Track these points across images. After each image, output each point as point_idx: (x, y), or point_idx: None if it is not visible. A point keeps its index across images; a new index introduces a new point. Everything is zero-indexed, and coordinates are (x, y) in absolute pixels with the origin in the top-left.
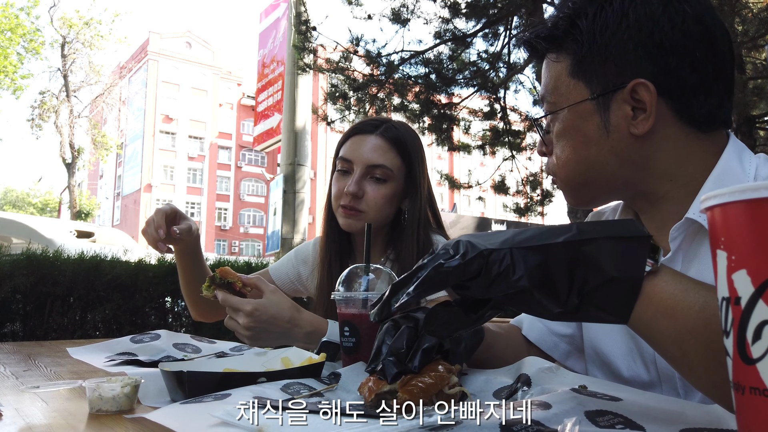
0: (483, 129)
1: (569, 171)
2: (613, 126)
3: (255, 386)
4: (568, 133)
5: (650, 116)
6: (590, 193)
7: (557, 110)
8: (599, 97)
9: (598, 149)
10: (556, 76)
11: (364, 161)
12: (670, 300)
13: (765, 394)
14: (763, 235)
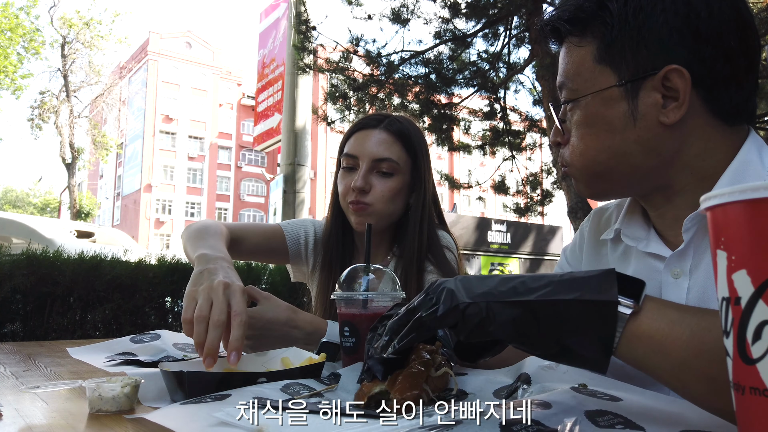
0: (483, 129)
1: (588, 160)
2: (641, 114)
3: (255, 386)
4: (591, 121)
5: (683, 105)
6: (606, 185)
7: (580, 97)
8: (628, 83)
9: (623, 138)
10: (578, 61)
11: (369, 156)
12: (658, 335)
13: (765, 395)
14: (763, 235)
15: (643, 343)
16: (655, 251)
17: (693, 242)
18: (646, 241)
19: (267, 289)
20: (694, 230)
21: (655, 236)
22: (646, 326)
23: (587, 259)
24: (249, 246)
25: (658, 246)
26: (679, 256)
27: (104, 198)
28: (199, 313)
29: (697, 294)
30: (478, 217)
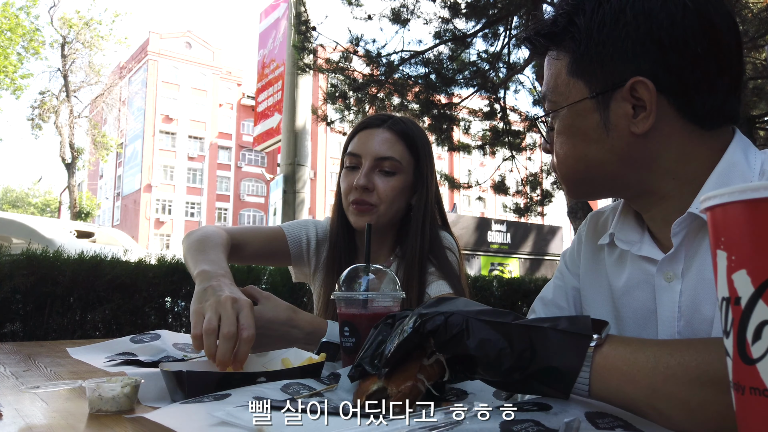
0: (483, 129)
1: (568, 168)
2: (613, 125)
3: (255, 386)
4: (568, 131)
5: (650, 115)
6: (589, 189)
7: (558, 109)
8: (598, 95)
9: (598, 147)
10: (556, 74)
11: (372, 154)
12: (624, 365)
13: (765, 395)
14: (763, 235)
15: (613, 375)
16: (647, 254)
17: (684, 246)
18: (639, 244)
19: (267, 289)
20: (683, 234)
21: (648, 239)
22: (612, 357)
23: (585, 265)
24: (251, 250)
25: (651, 249)
26: (670, 260)
27: (104, 198)
28: (209, 326)
29: (689, 297)
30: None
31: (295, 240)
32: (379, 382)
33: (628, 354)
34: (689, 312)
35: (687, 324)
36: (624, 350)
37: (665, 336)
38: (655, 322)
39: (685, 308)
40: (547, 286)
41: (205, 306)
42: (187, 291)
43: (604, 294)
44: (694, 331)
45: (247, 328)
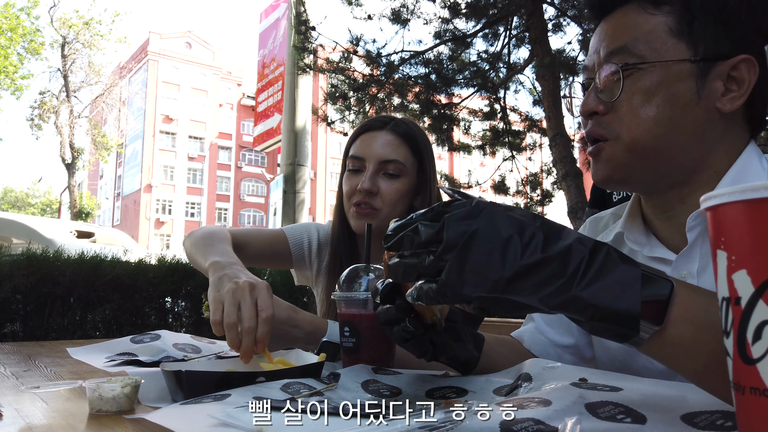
0: (483, 129)
1: (643, 131)
2: (705, 95)
3: (254, 386)
4: (656, 90)
5: (744, 95)
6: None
7: (646, 63)
8: (702, 61)
9: (683, 114)
10: (650, 28)
11: (376, 157)
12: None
13: (765, 395)
14: (763, 235)
15: (667, 350)
16: (660, 255)
17: (698, 243)
18: (649, 246)
19: None
20: (698, 229)
21: (656, 242)
22: (671, 336)
23: None
24: (252, 252)
25: (662, 250)
26: (685, 258)
27: (104, 198)
28: (229, 320)
29: None
30: None
31: (297, 243)
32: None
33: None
34: None
35: None
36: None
37: None
38: None
39: None
40: None
41: (223, 294)
42: (187, 291)
43: None
44: None
45: (265, 309)
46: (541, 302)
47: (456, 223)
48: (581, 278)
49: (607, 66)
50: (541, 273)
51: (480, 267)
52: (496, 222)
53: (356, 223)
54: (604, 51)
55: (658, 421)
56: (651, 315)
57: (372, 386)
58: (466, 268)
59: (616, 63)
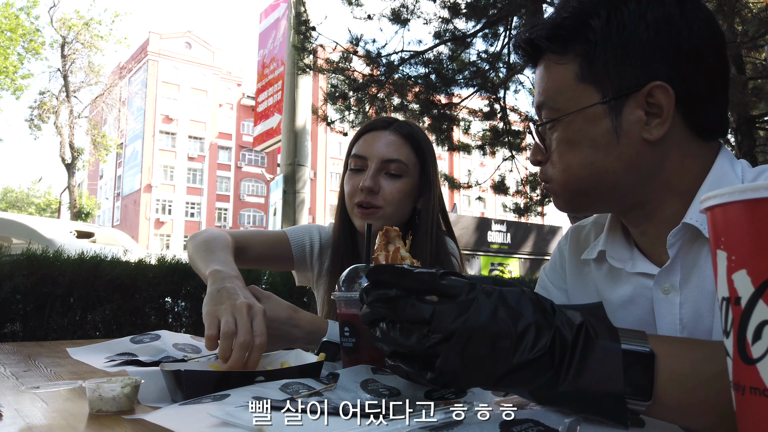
0: (483, 129)
1: (570, 176)
2: (625, 131)
3: (254, 386)
4: (574, 138)
5: (666, 121)
6: (586, 201)
7: (562, 116)
8: (612, 100)
9: (605, 155)
10: (559, 80)
11: (378, 156)
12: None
13: (765, 395)
14: (763, 235)
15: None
16: (642, 270)
17: (679, 257)
18: (631, 261)
19: (267, 289)
20: (678, 245)
21: (639, 255)
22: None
23: (571, 280)
24: (254, 254)
25: (645, 264)
26: (667, 272)
27: (104, 198)
28: (227, 329)
29: (690, 309)
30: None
31: (299, 245)
32: None
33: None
34: (692, 324)
35: (690, 335)
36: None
37: None
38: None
39: (688, 320)
40: None
41: (220, 309)
42: (187, 291)
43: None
44: None
45: (260, 335)
46: (531, 395)
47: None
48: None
49: (536, 120)
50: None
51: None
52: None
53: (359, 222)
54: (536, 101)
55: (656, 425)
56: (638, 393)
57: (371, 386)
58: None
59: (542, 120)
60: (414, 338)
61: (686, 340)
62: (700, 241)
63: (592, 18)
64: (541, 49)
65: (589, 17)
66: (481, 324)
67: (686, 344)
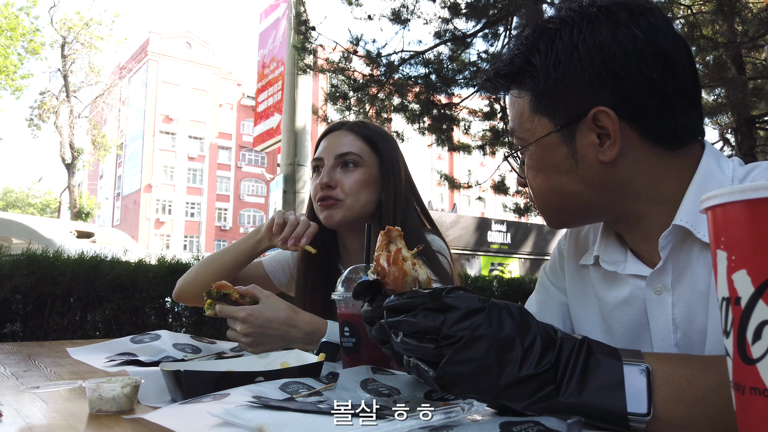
0: (483, 129)
1: (543, 200)
2: (581, 155)
3: (254, 386)
4: (539, 165)
5: (615, 142)
6: (569, 218)
7: (525, 145)
8: (563, 128)
9: (569, 178)
10: (520, 111)
11: (332, 153)
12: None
13: (765, 395)
14: (763, 235)
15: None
16: (634, 272)
17: (670, 258)
18: (624, 264)
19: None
20: (669, 246)
21: (632, 257)
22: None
23: (570, 280)
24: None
25: (637, 266)
26: (659, 273)
27: (104, 198)
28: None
29: (683, 309)
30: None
31: (277, 274)
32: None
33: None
34: (685, 324)
35: (684, 335)
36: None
37: (661, 347)
38: (648, 335)
39: (681, 320)
40: (529, 301)
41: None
42: None
43: (593, 309)
44: (691, 342)
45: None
46: (527, 408)
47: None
48: (567, 385)
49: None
50: (534, 383)
51: (479, 371)
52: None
53: (324, 215)
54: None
55: None
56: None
57: (371, 386)
58: (464, 371)
59: (511, 151)
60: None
61: (680, 356)
62: (690, 241)
63: (533, 54)
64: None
65: (531, 54)
66: (490, 333)
67: (681, 360)
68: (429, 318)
